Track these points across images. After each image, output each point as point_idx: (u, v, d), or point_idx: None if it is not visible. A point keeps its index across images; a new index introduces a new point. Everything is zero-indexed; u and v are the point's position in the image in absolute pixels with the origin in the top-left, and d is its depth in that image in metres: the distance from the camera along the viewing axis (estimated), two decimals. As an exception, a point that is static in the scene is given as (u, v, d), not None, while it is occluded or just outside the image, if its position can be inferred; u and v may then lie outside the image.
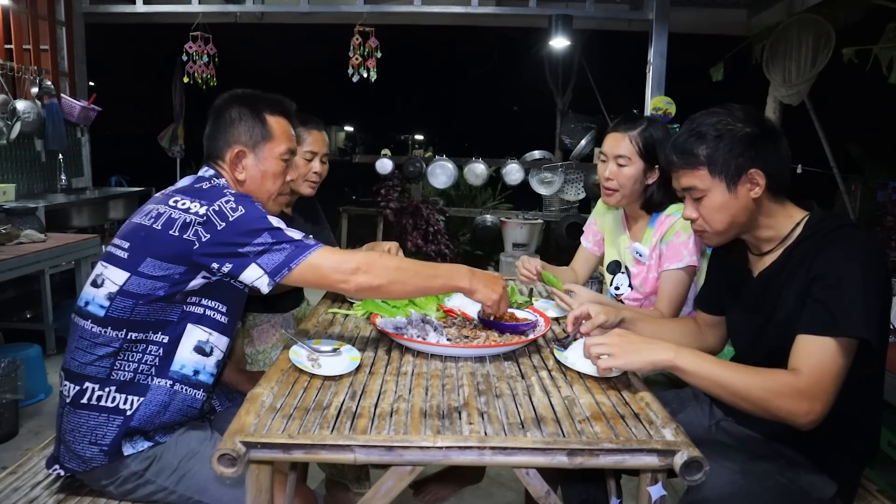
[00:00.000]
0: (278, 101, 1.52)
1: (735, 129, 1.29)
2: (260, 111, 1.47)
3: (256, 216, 1.31)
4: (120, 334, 1.31)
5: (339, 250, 1.37)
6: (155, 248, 1.30)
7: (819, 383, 1.16)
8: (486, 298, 1.43)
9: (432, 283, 1.39)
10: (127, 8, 4.67)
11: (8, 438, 2.69)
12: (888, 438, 2.14)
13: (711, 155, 1.30)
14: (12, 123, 3.78)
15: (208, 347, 1.39)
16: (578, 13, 4.64)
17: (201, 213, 1.29)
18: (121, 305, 1.31)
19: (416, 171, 5.40)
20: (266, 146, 1.47)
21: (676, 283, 1.82)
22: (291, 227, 2.22)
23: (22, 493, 1.39)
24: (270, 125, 1.47)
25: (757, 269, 1.40)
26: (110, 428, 1.31)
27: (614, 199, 1.89)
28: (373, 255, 1.37)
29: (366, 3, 4.58)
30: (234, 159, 1.46)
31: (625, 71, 6.65)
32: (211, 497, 1.34)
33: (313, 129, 2.06)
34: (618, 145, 1.84)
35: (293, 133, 1.54)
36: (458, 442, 1.02)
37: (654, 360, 1.22)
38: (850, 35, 4.40)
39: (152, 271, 1.30)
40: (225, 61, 4.86)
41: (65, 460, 1.35)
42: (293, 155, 1.54)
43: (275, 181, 1.50)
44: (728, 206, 1.31)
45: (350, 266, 1.31)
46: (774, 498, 1.24)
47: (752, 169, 1.28)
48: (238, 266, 1.29)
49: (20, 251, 2.76)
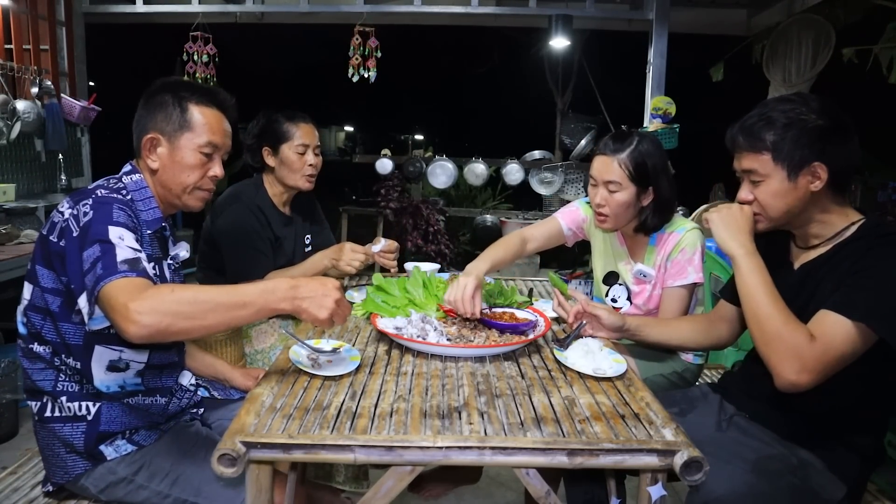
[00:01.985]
0: (209, 92, 1.44)
1: (807, 119, 1.27)
2: (183, 99, 1.39)
3: (98, 226, 1.19)
4: (47, 349, 1.31)
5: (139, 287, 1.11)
6: (41, 253, 1.28)
7: (822, 357, 1.17)
8: (314, 320, 1.19)
9: (239, 313, 1.14)
10: (127, 8, 4.67)
11: (8, 438, 2.69)
12: (888, 438, 2.14)
13: (777, 142, 1.28)
14: (12, 123, 3.78)
15: (122, 364, 1.34)
16: (578, 13, 4.63)
17: (64, 217, 1.25)
18: (32, 321, 1.30)
19: (416, 171, 5.39)
20: (184, 136, 1.39)
21: (680, 300, 1.79)
22: (290, 228, 2.22)
23: (22, 493, 1.39)
24: (192, 114, 1.39)
25: (799, 262, 1.39)
26: (77, 435, 1.31)
27: (607, 224, 1.80)
28: (160, 291, 1.11)
29: (366, 3, 4.58)
30: (148, 146, 1.38)
31: (625, 71, 6.65)
32: (206, 497, 1.33)
33: (301, 123, 2.06)
34: (607, 170, 1.74)
35: (224, 128, 1.45)
36: (458, 442, 1.02)
37: (729, 246, 1.33)
38: (850, 35, 4.39)
39: (45, 282, 1.27)
40: (225, 61, 4.86)
41: (51, 474, 1.35)
42: (217, 150, 1.43)
43: (191, 173, 1.40)
44: (785, 195, 1.30)
45: (123, 305, 1.07)
46: (786, 498, 1.24)
47: (815, 162, 1.26)
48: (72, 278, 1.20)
49: (20, 251, 2.76)
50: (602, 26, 5.65)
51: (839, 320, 1.18)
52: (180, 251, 1.49)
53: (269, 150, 2.06)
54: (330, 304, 1.19)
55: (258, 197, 2.05)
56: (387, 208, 5.42)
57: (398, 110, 15.34)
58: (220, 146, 1.44)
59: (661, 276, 1.82)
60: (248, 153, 2.11)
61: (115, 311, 1.08)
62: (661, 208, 1.78)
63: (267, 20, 5.39)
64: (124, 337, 1.09)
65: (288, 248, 2.11)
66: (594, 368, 1.34)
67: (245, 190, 2.06)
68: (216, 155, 1.44)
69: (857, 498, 1.35)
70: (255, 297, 1.15)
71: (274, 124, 2.05)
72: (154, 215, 1.39)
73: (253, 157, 2.11)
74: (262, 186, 2.09)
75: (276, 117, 2.06)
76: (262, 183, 2.10)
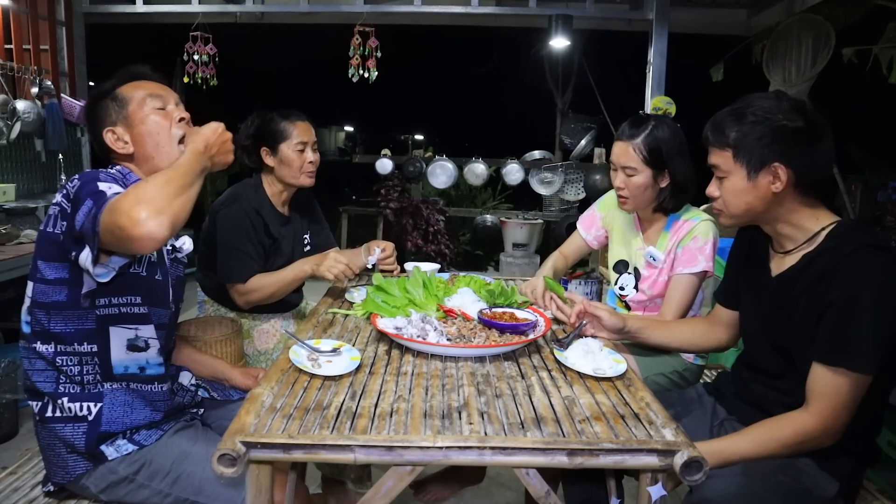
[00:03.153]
0: (127, 72, 1.45)
1: (772, 118, 1.25)
2: (108, 92, 1.41)
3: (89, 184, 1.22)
4: (49, 348, 1.31)
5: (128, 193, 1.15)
6: (41, 249, 1.30)
7: (832, 414, 1.21)
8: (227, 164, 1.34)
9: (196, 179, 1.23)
10: (127, 8, 4.67)
11: (8, 438, 2.69)
12: (888, 438, 2.14)
13: (739, 139, 1.27)
14: (12, 123, 3.78)
15: (141, 342, 1.36)
16: (578, 13, 4.63)
17: (58, 201, 1.27)
18: (38, 318, 1.30)
19: (416, 171, 5.39)
20: (130, 112, 1.39)
21: (687, 288, 1.81)
22: (288, 228, 2.22)
23: (22, 493, 1.39)
24: (123, 94, 1.40)
25: (775, 270, 1.39)
26: (77, 435, 1.31)
27: (628, 206, 1.88)
28: (139, 185, 1.16)
29: (366, 3, 4.58)
30: (112, 141, 1.39)
31: (625, 71, 6.65)
32: (207, 497, 1.33)
33: (297, 121, 2.05)
34: (624, 155, 1.81)
35: (158, 84, 1.45)
36: (458, 442, 1.02)
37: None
38: (850, 35, 4.39)
39: (46, 274, 1.28)
40: (225, 61, 4.86)
41: (52, 475, 1.35)
42: (164, 101, 1.42)
43: (161, 133, 1.40)
44: (745, 194, 1.30)
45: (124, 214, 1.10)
46: (777, 497, 1.24)
47: (775, 162, 1.25)
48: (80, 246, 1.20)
49: (20, 251, 2.76)
50: (602, 26, 5.64)
51: (835, 376, 1.20)
52: (184, 245, 1.50)
53: (267, 151, 2.05)
54: (229, 146, 1.32)
55: (256, 198, 2.05)
56: (387, 208, 5.42)
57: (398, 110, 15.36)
58: (166, 100, 1.43)
59: (670, 261, 1.86)
60: (244, 154, 2.09)
61: (118, 216, 1.09)
62: (678, 190, 1.83)
63: (267, 20, 5.38)
64: (140, 247, 1.11)
65: (286, 249, 2.11)
66: (594, 368, 1.34)
67: (244, 192, 2.06)
68: (173, 110, 1.44)
69: (852, 495, 1.35)
70: (194, 160, 1.23)
71: (270, 124, 2.05)
72: None
73: (249, 158, 2.10)
74: (260, 187, 2.09)
75: (272, 117, 2.06)
76: (261, 183, 2.10)
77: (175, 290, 1.46)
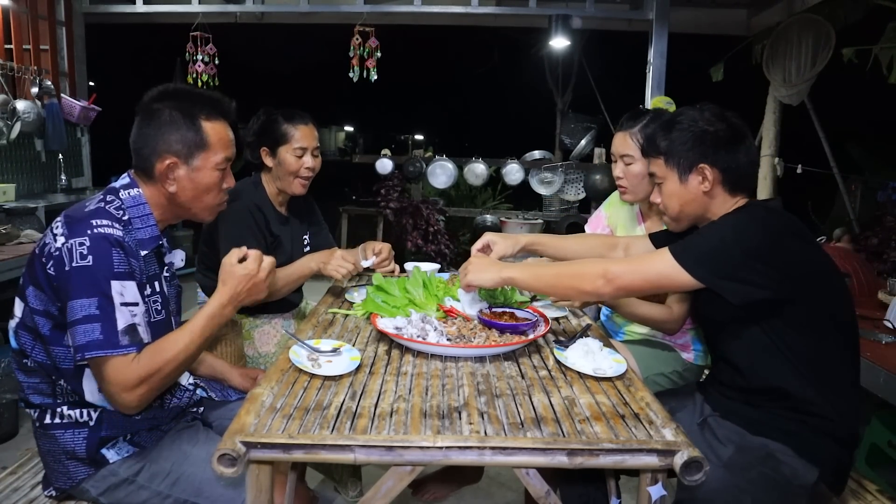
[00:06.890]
0: (216, 102, 1.38)
1: (696, 126, 1.41)
2: (195, 116, 1.33)
3: (99, 276, 1.18)
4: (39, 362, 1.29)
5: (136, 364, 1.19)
6: (32, 276, 1.25)
7: (627, 274, 1.37)
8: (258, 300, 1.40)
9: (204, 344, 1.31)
10: (127, 8, 4.67)
11: (8, 438, 2.69)
12: (888, 438, 2.14)
13: (668, 146, 1.44)
14: (12, 123, 3.78)
15: None
16: (578, 13, 4.63)
17: (58, 247, 1.20)
18: (23, 340, 1.28)
19: (416, 171, 5.39)
20: (201, 156, 1.33)
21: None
22: (287, 228, 2.22)
23: (22, 493, 1.39)
24: (206, 132, 1.33)
25: None
26: (78, 441, 1.30)
27: (628, 196, 1.95)
28: (150, 380, 1.21)
29: (366, 3, 4.58)
30: (165, 171, 1.32)
31: (625, 71, 6.65)
32: (207, 498, 1.33)
33: (300, 125, 2.03)
34: (622, 144, 1.89)
35: (231, 137, 1.40)
36: (458, 442, 1.02)
37: (494, 277, 1.49)
38: (850, 35, 4.39)
39: (35, 303, 1.24)
40: (225, 61, 4.86)
41: (53, 480, 1.34)
42: (230, 162, 1.40)
43: (209, 193, 1.38)
44: (679, 195, 1.45)
45: (116, 391, 1.18)
46: (759, 489, 1.28)
47: (701, 164, 1.40)
48: (63, 314, 1.20)
49: (20, 251, 2.76)
50: (602, 26, 5.64)
51: (661, 250, 1.35)
52: (175, 260, 1.46)
53: (266, 151, 2.05)
54: (262, 286, 1.37)
55: (257, 195, 2.05)
56: (387, 208, 5.42)
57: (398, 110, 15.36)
58: (231, 158, 1.41)
59: None
60: (249, 150, 2.10)
61: (108, 385, 1.19)
62: None
63: (267, 20, 5.39)
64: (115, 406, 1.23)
65: (287, 247, 2.11)
66: (594, 368, 1.34)
67: (245, 189, 2.06)
68: (228, 167, 1.42)
69: (838, 481, 1.36)
70: (205, 324, 1.29)
71: (273, 125, 2.04)
72: (151, 233, 1.34)
73: (253, 154, 2.10)
74: (260, 184, 2.09)
75: (276, 117, 2.05)
76: (261, 181, 2.10)
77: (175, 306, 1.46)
